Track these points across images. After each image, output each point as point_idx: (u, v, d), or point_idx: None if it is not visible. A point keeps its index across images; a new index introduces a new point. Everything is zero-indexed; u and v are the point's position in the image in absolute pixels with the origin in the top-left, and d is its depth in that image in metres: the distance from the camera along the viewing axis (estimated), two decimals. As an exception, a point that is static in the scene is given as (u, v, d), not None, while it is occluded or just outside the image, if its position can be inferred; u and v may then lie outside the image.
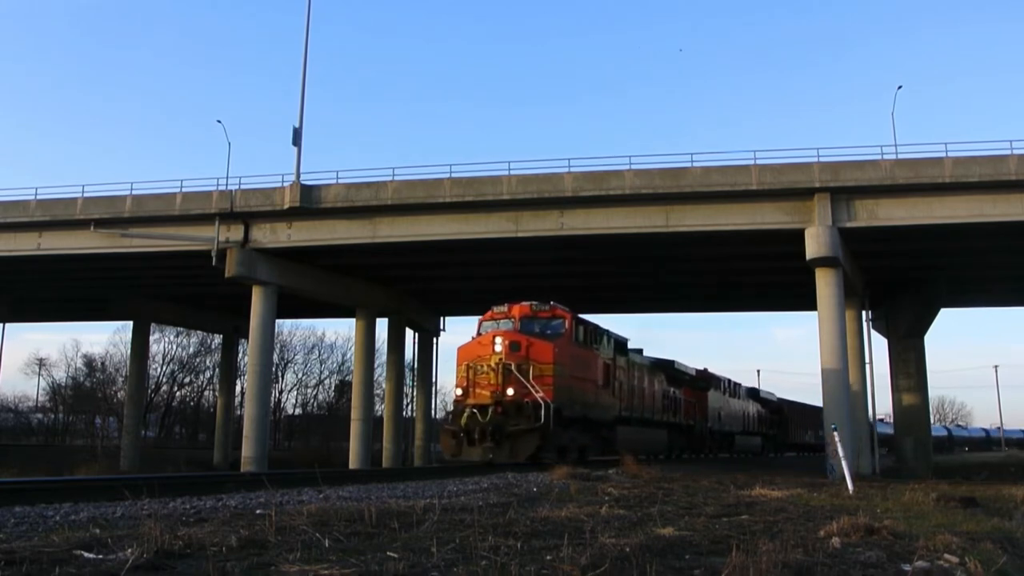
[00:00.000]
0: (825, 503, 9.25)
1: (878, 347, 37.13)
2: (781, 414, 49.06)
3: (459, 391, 18.67)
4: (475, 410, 17.87)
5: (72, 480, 8.39)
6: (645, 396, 26.55)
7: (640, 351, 27.65)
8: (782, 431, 48.71)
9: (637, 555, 4.33)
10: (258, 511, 6.34)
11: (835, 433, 18.25)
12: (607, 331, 23.46)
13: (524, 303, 20.37)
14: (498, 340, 18.45)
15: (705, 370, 35.84)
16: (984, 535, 6.24)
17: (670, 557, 4.52)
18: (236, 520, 5.66)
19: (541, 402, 17.54)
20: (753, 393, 45.06)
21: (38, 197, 29.28)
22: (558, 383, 18.57)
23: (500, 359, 18.20)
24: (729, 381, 39.04)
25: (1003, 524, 7.83)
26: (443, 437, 18.93)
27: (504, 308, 20.21)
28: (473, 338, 19.84)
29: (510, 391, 17.78)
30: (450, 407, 20.48)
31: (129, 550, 4.02)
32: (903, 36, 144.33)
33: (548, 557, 4.25)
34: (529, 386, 17.84)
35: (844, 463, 14.20)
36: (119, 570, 3.63)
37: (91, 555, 4.00)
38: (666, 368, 30.27)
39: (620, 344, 24.65)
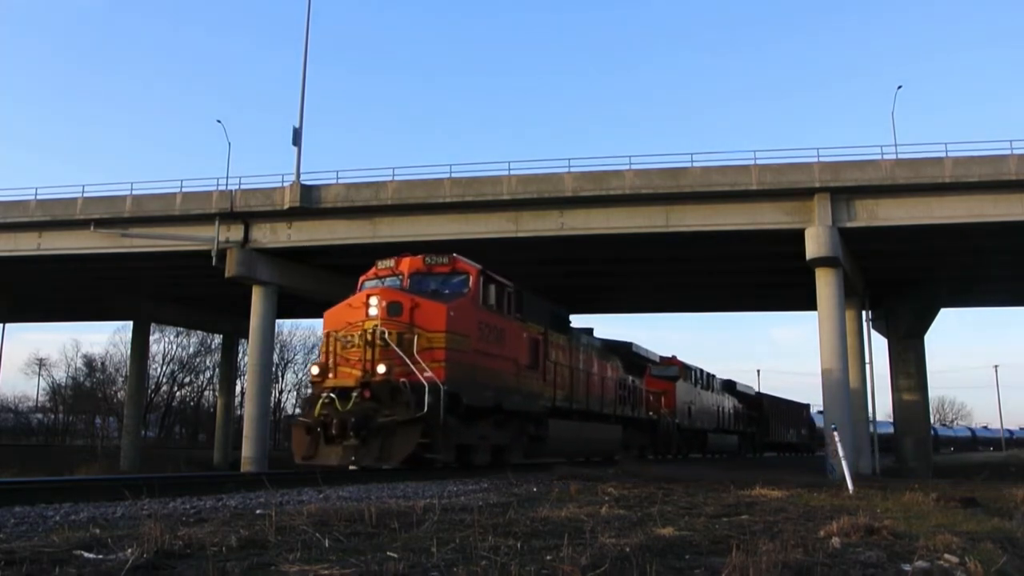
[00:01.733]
0: (825, 503, 9.25)
1: (878, 347, 37.18)
2: (761, 410, 44.75)
3: (315, 370, 13.96)
4: (334, 395, 13.31)
5: (72, 480, 8.40)
6: (593, 384, 21.33)
7: (590, 331, 23.57)
8: (762, 429, 44.49)
9: (637, 555, 4.33)
10: (258, 511, 6.35)
11: (835, 433, 18.23)
12: (539, 299, 18.91)
13: (417, 256, 15.95)
14: (373, 301, 13.71)
15: (673, 357, 32.09)
16: (984, 535, 6.23)
17: (670, 557, 4.52)
18: (236, 520, 5.66)
19: (426, 383, 12.86)
20: (729, 386, 40.50)
21: (38, 197, 29.29)
22: (454, 358, 13.80)
23: (376, 326, 13.42)
24: (701, 371, 34.72)
25: (1003, 524, 7.82)
26: (294, 433, 14.12)
27: (390, 262, 15.58)
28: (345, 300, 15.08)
29: (381, 368, 12.95)
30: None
31: (129, 550, 4.02)
32: (903, 36, 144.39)
33: (548, 557, 4.26)
34: (409, 362, 13.06)
35: (844, 463, 14.19)
36: (119, 570, 3.63)
37: (91, 555, 4.00)
38: (622, 352, 25.66)
39: (558, 318, 19.75)
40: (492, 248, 28.00)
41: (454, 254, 15.77)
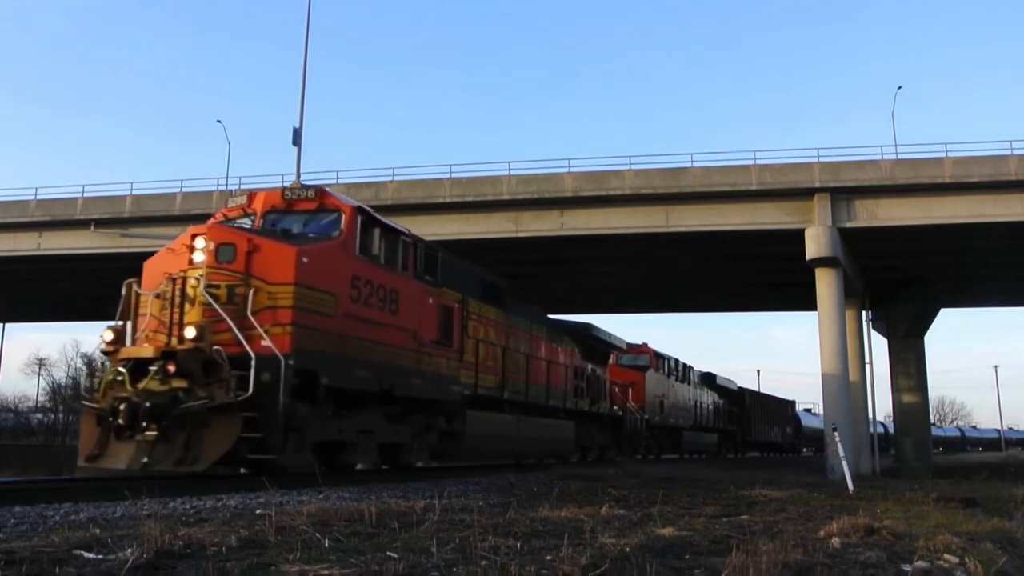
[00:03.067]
0: (825, 503, 9.25)
1: (878, 347, 37.16)
2: (743, 407, 41.08)
3: (108, 336, 10.01)
4: (126, 369, 9.40)
5: (72, 480, 8.40)
6: (536, 370, 17.46)
7: (537, 310, 19.33)
8: (744, 427, 40.90)
9: (637, 555, 4.33)
10: (258, 511, 6.35)
11: (835, 433, 18.24)
12: (461, 262, 15.05)
13: (276, 189, 12.16)
14: (199, 243, 9.84)
15: (644, 345, 28.22)
16: (984, 535, 6.23)
17: (670, 557, 4.52)
18: (236, 520, 5.66)
19: (253, 354, 9.06)
20: (708, 379, 36.61)
21: (38, 197, 29.31)
22: (308, 322, 9.90)
23: (201, 276, 9.59)
24: (677, 362, 30.93)
25: (1003, 524, 7.82)
26: (82, 423, 10.18)
27: (242, 198, 11.67)
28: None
29: (190, 332, 9.14)
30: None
31: (129, 550, 4.02)
32: (904, 36, 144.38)
33: (548, 557, 4.25)
34: (233, 326, 9.21)
35: (844, 463, 14.20)
36: (119, 570, 3.63)
37: (91, 555, 4.00)
38: (579, 335, 21.35)
39: (490, 288, 15.87)
40: (492, 248, 28.03)
41: (328, 189, 11.89)
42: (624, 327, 58.06)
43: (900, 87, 60.23)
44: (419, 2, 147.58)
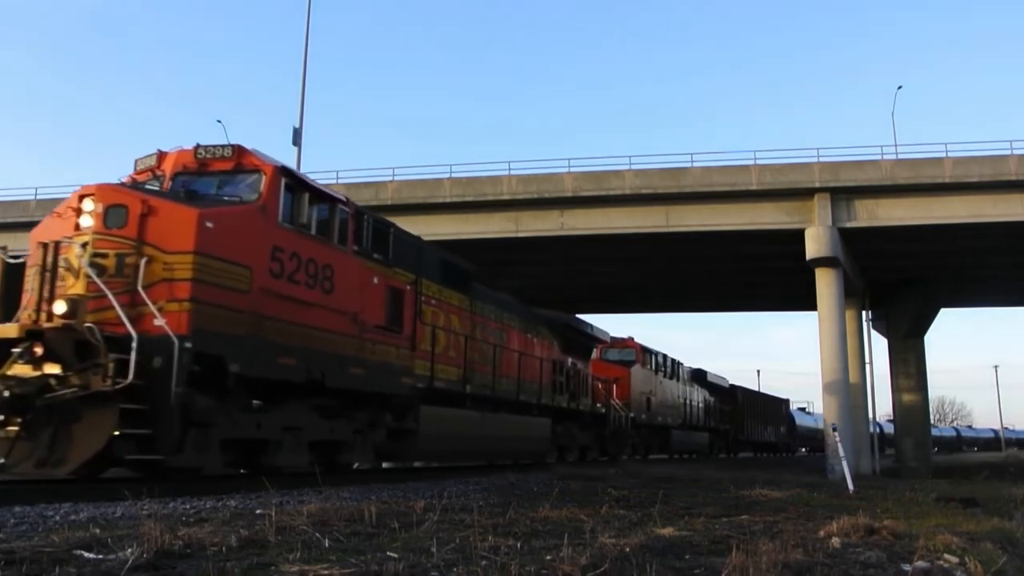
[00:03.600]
0: (825, 503, 9.25)
1: (878, 347, 37.19)
2: (735, 405, 39.28)
3: None
4: None
5: (72, 480, 8.36)
6: (506, 362, 16.01)
7: (513, 299, 17.99)
8: (736, 426, 39.15)
9: (637, 555, 4.33)
10: (258, 511, 6.34)
11: (835, 433, 18.25)
12: (416, 238, 13.37)
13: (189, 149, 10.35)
14: (87, 205, 8.47)
15: (630, 339, 26.55)
16: (984, 535, 6.24)
17: (670, 557, 4.52)
18: (236, 520, 5.66)
19: (135, 334, 7.70)
20: (698, 376, 34.68)
21: (38, 197, 29.25)
22: (212, 298, 8.45)
23: (88, 243, 8.25)
24: (665, 357, 29.07)
25: (1003, 524, 7.82)
26: None
27: (151, 159, 10.08)
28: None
29: (60, 307, 7.81)
30: None
31: (129, 550, 4.02)
32: (904, 36, 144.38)
33: (548, 557, 4.25)
34: (116, 303, 7.89)
35: (844, 463, 14.21)
36: (119, 570, 3.63)
37: (91, 555, 4.00)
38: (558, 326, 19.84)
39: (452, 270, 14.25)
40: (492, 248, 28.04)
41: (255, 149, 10.13)
42: (624, 327, 58.03)
43: (900, 87, 60.39)
44: (419, 2, 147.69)
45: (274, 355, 9.26)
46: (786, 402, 51.34)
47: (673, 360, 30.11)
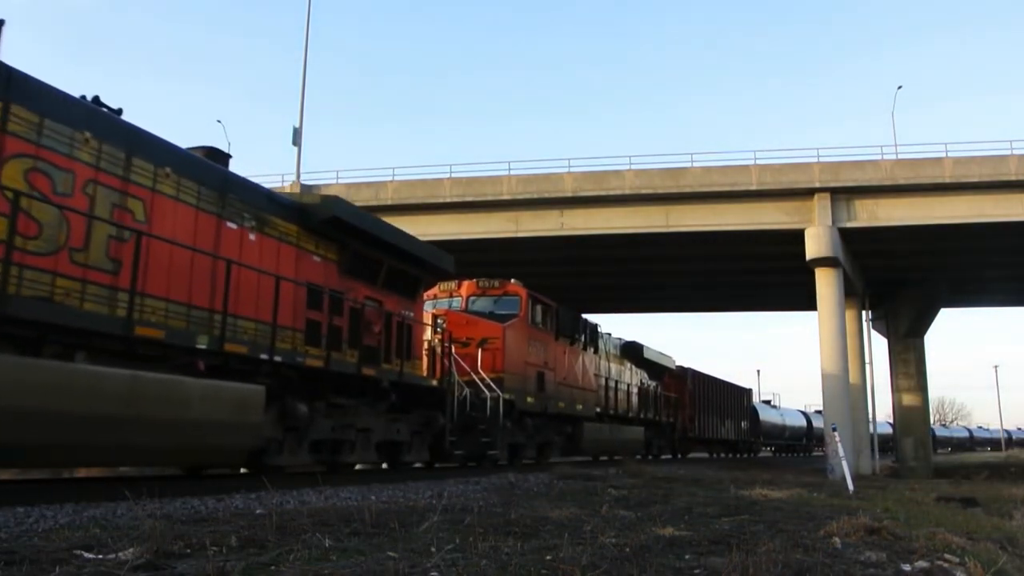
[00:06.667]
0: (825, 503, 9.25)
1: (878, 347, 37.20)
2: (684, 392, 30.23)
3: None
4: None
5: (72, 480, 8.35)
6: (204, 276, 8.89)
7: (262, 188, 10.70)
8: (686, 419, 30.25)
9: (637, 555, 4.33)
10: (258, 511, 6.34)
11: (835, 433, 18.25)
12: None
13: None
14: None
15: (512, 282, 17.54)
16: (984, 535, 6.24)
17: (670, 557, 4.51)
18: (236, 520, 5.65)
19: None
20: (632, 351, 25.82)
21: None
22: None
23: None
24: (576, 317, 20.39)
25: (1003, 524, 7.83)
26: None
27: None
28: None
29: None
30: None
31: (129, 550, 4.02)
32: (904, 37, 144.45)
33: (548, 557, 4.25)
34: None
35: (844, 463, 14.21)
36: (119, 570, 3.63)
37: (91, 555, 4.00)
38: (373, 241, 11.98)
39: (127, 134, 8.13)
40: (492, 248, 28.06)
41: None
42: (624, 327, 57.94)
43: (900, 87, 60.54)
44: (420, 2, 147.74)
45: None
46: (748, 392, 42.36)
47: (591, 325, 21.51)
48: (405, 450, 12.89)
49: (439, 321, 14.77)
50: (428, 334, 14.41)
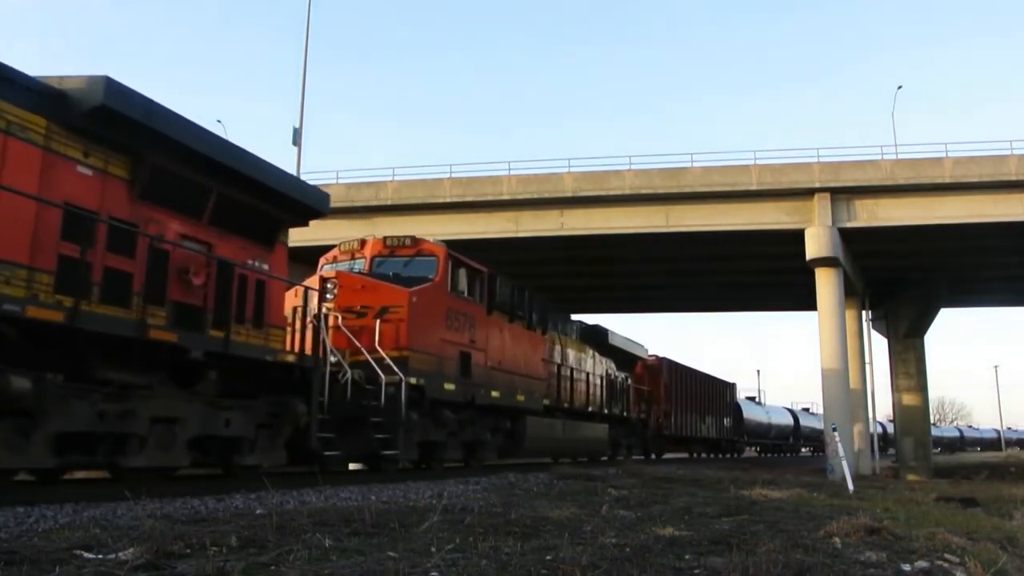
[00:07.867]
0: (825, 503, 9.25)
1: (878, 347, 37.20)
2: (659, 386, 27.05)
3: None
4: None
5: (72, 480, 8.35)
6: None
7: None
8: (660, 415, 27.01)
9: (637, 555, 4.33)
10: (258, 511, 6.34)
11: (835, 433, 18.25)
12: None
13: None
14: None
15: (427, 241, 14.06)
16: (984, 535, 6.24)
17: (670, 557, 4.51)
18: (236, 520, 5.65)
19: None
20: (594, 336, 22.18)
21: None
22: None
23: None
24: (523, 291, 16.55)
25: (1003, 524, 7.83)
26: None
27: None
28: None
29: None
30: None
31: (129, 550, 4.02)
32: (904, 36, 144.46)
33: (548, 557, 4.25)
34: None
35: (844, 463, 14.21)
36: (119, 570, 3.63)
37: (91, 555, 4.00)
38: (192, 156, 8.32)
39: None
40: (492, 248, 28.06)
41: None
42: (625, 327, 57.94)
43: (900, 87, 60.53)
44: (420, 2, 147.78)
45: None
46: (732, 387, 38.89)
47: (540, 299, 17.91)
48: (245, 449, 9.21)
49: (328, 285, 11.53)
50: (300, 300, 10.93)
